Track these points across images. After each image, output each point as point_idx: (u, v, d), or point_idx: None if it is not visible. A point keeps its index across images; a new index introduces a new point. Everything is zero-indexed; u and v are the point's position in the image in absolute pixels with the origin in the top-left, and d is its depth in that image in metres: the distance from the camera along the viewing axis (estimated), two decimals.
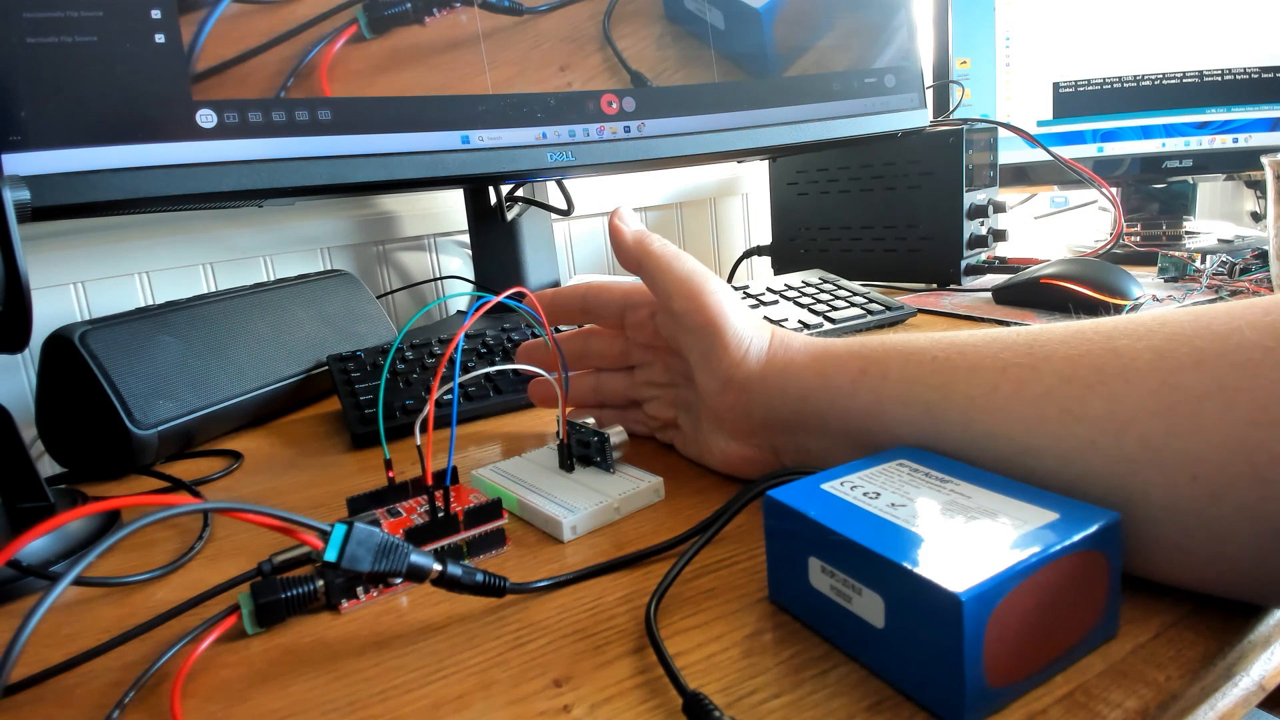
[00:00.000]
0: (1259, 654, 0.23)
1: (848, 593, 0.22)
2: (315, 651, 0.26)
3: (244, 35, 0.48)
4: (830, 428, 0.32)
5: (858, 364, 0.32)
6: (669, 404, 0.41)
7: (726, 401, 0.35)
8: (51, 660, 0.26)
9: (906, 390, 0.30)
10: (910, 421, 0.29)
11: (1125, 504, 0.24)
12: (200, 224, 0.72)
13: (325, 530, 0.23)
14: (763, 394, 0.34)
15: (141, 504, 0.22)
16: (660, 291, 0.37)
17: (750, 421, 0.35)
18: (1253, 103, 0.86)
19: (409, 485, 0.36)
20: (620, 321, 0.42)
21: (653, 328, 0.40)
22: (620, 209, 0.40)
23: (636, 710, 0.22)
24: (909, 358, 0.30)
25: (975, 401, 0.27)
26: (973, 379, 0.28)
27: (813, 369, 0.33)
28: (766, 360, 0.35)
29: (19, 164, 0.42)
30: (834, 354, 0.33)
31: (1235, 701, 0.21)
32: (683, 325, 0.37)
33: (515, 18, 0.57)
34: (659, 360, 0.41)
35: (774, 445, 0.35)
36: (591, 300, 0.43)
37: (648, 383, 0.42)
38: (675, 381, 0.41)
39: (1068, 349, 0.26)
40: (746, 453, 0.36)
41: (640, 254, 0.38)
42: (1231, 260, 0.69)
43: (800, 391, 0.33)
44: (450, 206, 0.86)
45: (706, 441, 0.38)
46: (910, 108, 0.75)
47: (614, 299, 0.42)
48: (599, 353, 0.44)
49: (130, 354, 0.46)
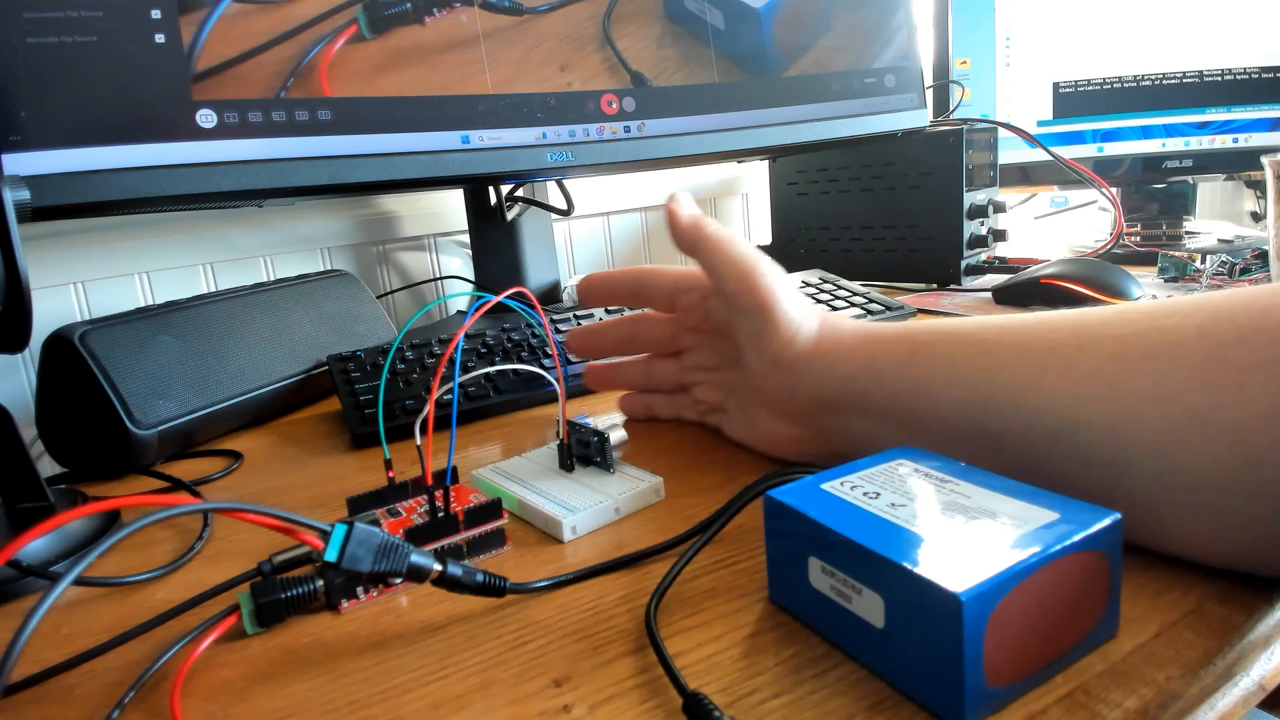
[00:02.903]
0: (1259, 654, 0.23)
1: (848, 593, 0.22)
2: (315, 651, 0.26)
3: (244, 35, 0.48)
4: (877, 408, 0.33)
5: (906, 346, 0.32)
6: (716, 388, 0.43)
7: (774, 382, 0.36)
8: (51, 660, 0.26)
9: (954, 371, 0.30)
10: (958, 401, 0.30)
11: (1170, 472, 0.25)
12: (200, 224, 0.72)
13: (325, 530, 0.23)
14: (810, 374, 0.35)
15: (141, 504, 0.22)
16: (714, 273, 0.38)
17: (797, 402, 0.36)
18: (1253, 103, 0.86)
19: (409, 485, 0.36)
20: (671, 305, 0.43)
21: (703, 311, 0.41)
22: (677, 194, 0.41)
23: (636, 710, 0.22)
24: (957, 340, 0.31)
25: (1023, 381, 0.28)
26: (1021, 359, 0.29)
27: (861, 351, 0.34)
28: (815, 341, 0.36)
29: (19, 164, 0.42)
30: (882, 337, 0.34)
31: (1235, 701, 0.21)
32: (735, 307, 0.38)
33: (515, 18, 0.57)
34: (708, 344, 0.43)
35: (820, 426, 0.36)
36: (643, 284, 0.44)
37: (696, 367, 0.44)
38: (723, 365, 0.42)
39: (1115, 329, 0.27)
40: (792, 433, 0.37)
41: (695, 237, 0.39)
42: (1231, 260, 0.69)
43: (848, 372, 0.34)
44: (450, 206, 0.86)
45: (753, 423, 0.39)
46: (910, 108, 0.75)
47: (666, 283, 0.43)
48: (648, 337, 0.45)
49: (130, 354, 0.46)
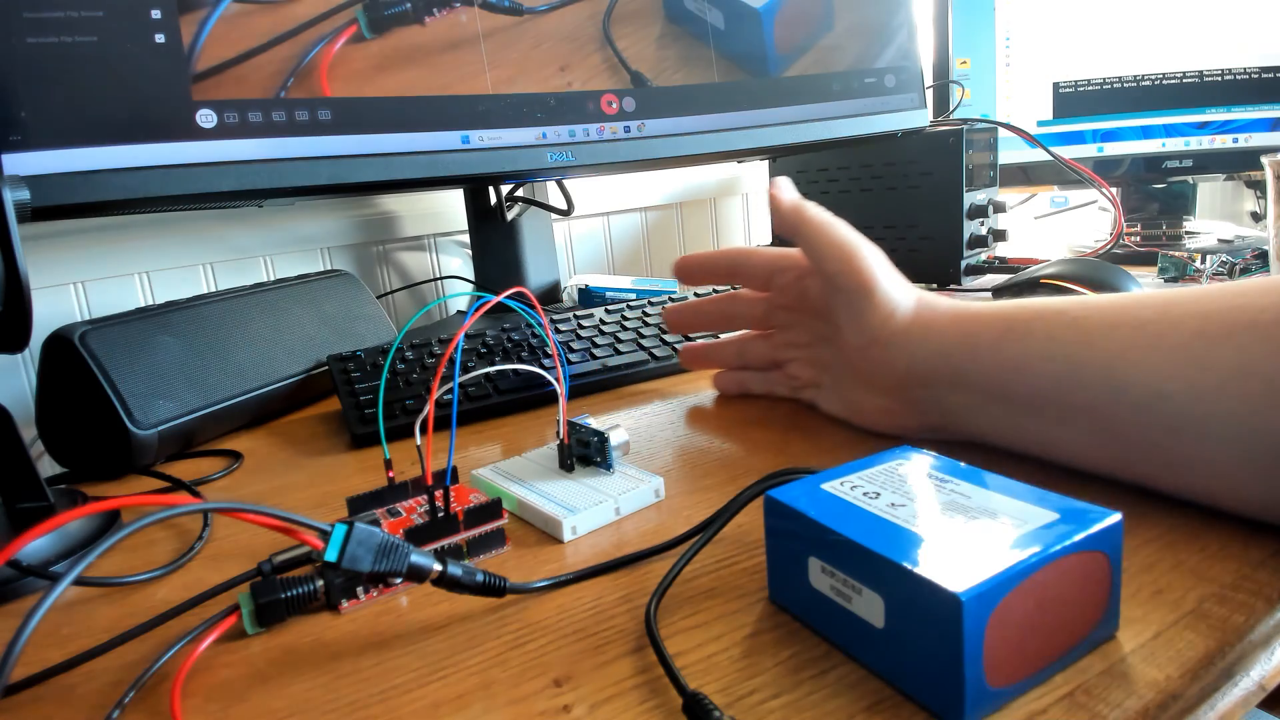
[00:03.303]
0: (1259, 654, 0.23)
1: (848, 593, 0.22)
2: (315, 651, 0.26)
3: (244, 35, 0.48)
4: (971, 382, 0.35)
5: (1002, 323, 0.34)
6: (810, 364, 0.45)
7: (872, 356, 0.38)
8: (51, 660, 0.26)
9: (1049, 347, 0.32)
10: (1052, 375, 0.32)
11: (1249, 438, 0.27)
12: (200, 224, 0.72)
13: (325, 530, 0.23)
14: (906, 349, 0.37)
15: (141, 504, 0.22)
16: (815, 255, 0.41)
17: (892, 376, 0.38)
18: (1253, 103, 0.86)
19: (409, 485, 0.36)
20: (767, 285, 0.46)
21: (799, 290, 0.44)
22: (779, 180, 0.44)
23: (636, 710, 0.22)
24: (1050, 318, 0.33)
25: (1114, 355, 0.30)
26: (1112, 335, 0.31)
27: (956, 327, 0.36)
28: (911, 318, 0.38)
29: (19, 164, 0.42)
30: (977, 314, 0.36)
31: (1235, 701, 0.21)
32: (836, 286, 0.40)
33: (515, 18, 0.57)
34: (802, 322, 0.45)
35: (913, 398, 0.38)
36: (740, 264, 0.47)
37: (789, 344, 0.46)
38: (816, 342, 0.44)
39: (1199, 306, 0.29)
40: (886, 405, 0.39)
41: (797, 220, 0.42)
42: (1231, 260, 0.69)
43: (943, 347, 0.36)
44: (450, 206, 0.86)
45: (847, 397, 0.41)
46: (910, 108, 0.74)
47: (763, 263, 0.46)
48: (742, 314, 0.48)
49: (130, 354, 0.46)
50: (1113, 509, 0.22)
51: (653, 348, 0.56)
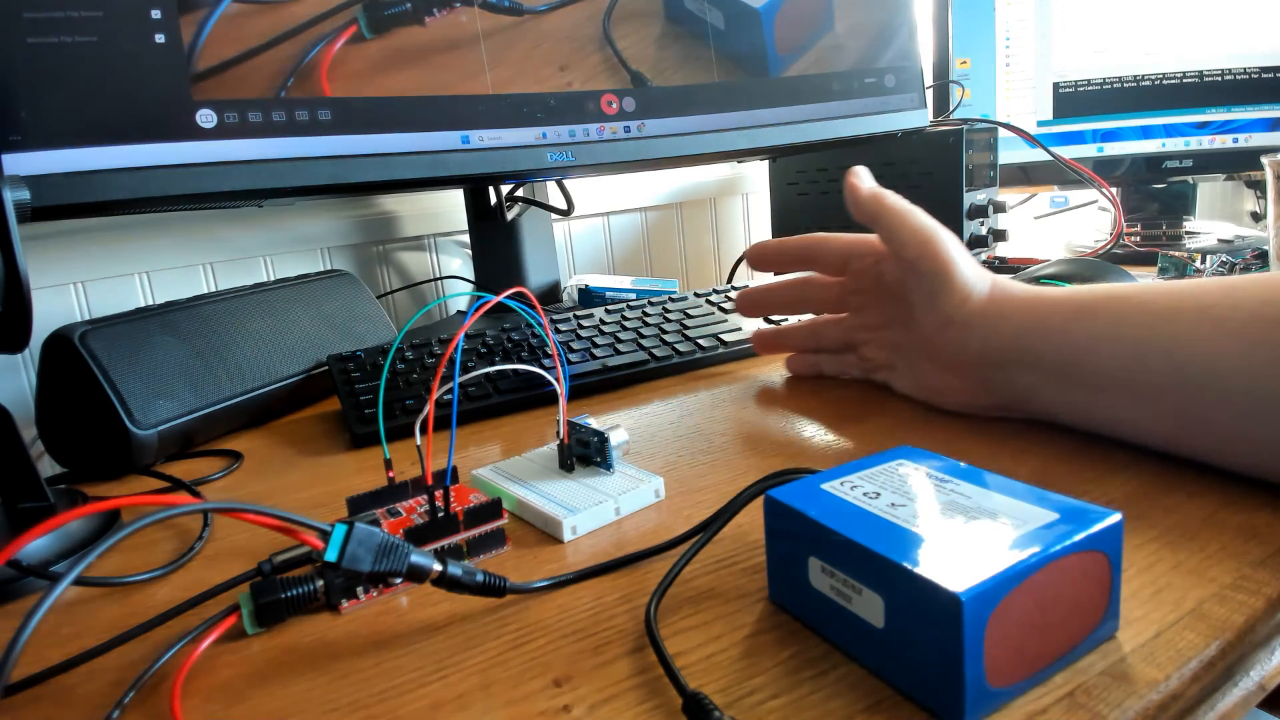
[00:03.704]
0: (1259, 654, 0.23)
1: (848, 593, 0.22)
2: (315, 651, 0.26)
3: (244, 35, 0.48)
4: (1042, 363, 0.36)
5: (1071, 307, 0.36)
6: (884, 346, 0.47)
7: (947, 337, 0.40)
8: (51, 660, 0.26)
9: (1116, 330, 0.34)
10: (1118, 356, 0.34)
11: None
12: (200, 224, 0.72)
13: (325, 530, 0.23)
14: (980, 330, 0.39)
15: (141, 504, 0.22)
16: (894, 240, 0.42)
17: (966, 356, 0.40)
18: (1253, 103, 0.86)
19: (409, 485, 0.36)
20: (842, 269, 0.48)
21: (875, 274, 0.46)
22: (858, 169, 0.46)
23: (636, 710, 0.22)
24: (1118, 302, 0.35)
25: (1177, 337, 0.32)
26: (1176, 319, 0.32)
27: (1028, 310, 0.38)
28: (986, 301, 0.39)
29: (19, 164, 0.42)
30: (1048, 297, 0.38)
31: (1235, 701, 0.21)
32: (914, 270, 0.42)
33: (515, 18, 0.57)
34: (876, 305, 0.47)
35: (986, 378, 0.39)
36: (816, 250, 0.49)
37: (863, 326, 0.48)
38: (890, 324, 0.46)
39: (1259, 291, 0.31)
40: (959, 385, 0.41)
41: (876, 207, 0.43)
42: (1231, 260, 0.69)
43: (1016, 329, 0.38)
44: (450, 206, 0.86)
45: (920, 377, 0.43)
46: (910, 108, 0.74)
47: (839, 248, 0.48)
48: (816, 298, 0.50)
49: (130, 354, 0.46)
50: (1113, 509, 0.22)
51: (653, 348, 0.56)
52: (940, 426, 0.41)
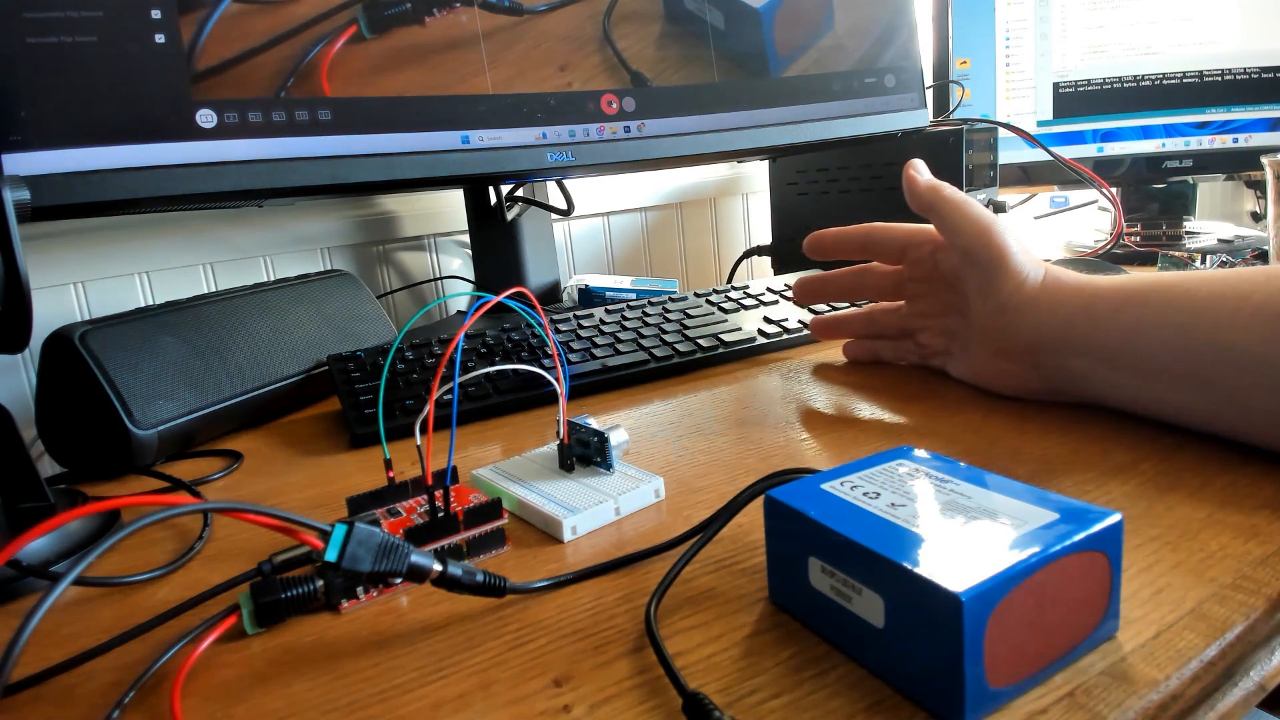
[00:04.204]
0: (1259, 654, 0.23)
1: (848, 593, 0.22)
2: (315, 651, 0.26)
3: (244, 35, 0.48)
4: (1092, 348, 0.38)
5: (1119, 295, 0.38)
6: (940, 333, 0.48)
7: (1001, 323, 0.42)
8: (51, 660, 0.26)
9: (1162, 315, 0.36)
10: (1165, 341, 0.35)
11: None
12: (200, 224, 0.72)
13: (325, 530, 0.23)
14: (1034, 316, 0.40)
15: (141, 504, 0.22)
16: (951, 230, 0.44)
17: (1019, 341, 0.41)
18: (1253, 103, 0.86)
19: (409, 485, 0.36)
20: (899, 258, 0.50)
21: (932, 263, 0.47)
22: (915, 161, 0.48)
23: (636, 710, 0.22)
24: (1165, 288, 0.36)
25: (1220, 322, 0.34)
26: (1219, 304, 0.34)
27: (1079, 297, 0.39)
28: (1040, 288, 0.41)
29: (19, 164, 0.42)
30: (1098, 286, 0.39)
31: (1235, 701, 0.21)
32: (971, 259, 0.43)
33: (515, 18, 0.57)
34: (933, 293, 0.48)
35: (1038, 363, 0.41)
36: (875, 238, 0.50)
37: (920, 314, 0.50)
38: (946, 312, 0.48)
39: None
40: (1013, 369, 0.42)
41: (934, 198, 0.45)
42: (1231, 260, 0.69)
43: (1068, 316, 0.39)
44: (450, 206, 0.86)
45: (975, 362, 0.45)
46: (910, 108, 0.74)
47: (898, 237, 0.49)
48: (874, 286, 0.52)
49: (130, 354, 0.46)
50: (1112, 509, 0.22)
51: (653, 348, 0.56)
52: (939, 427, 0.41)
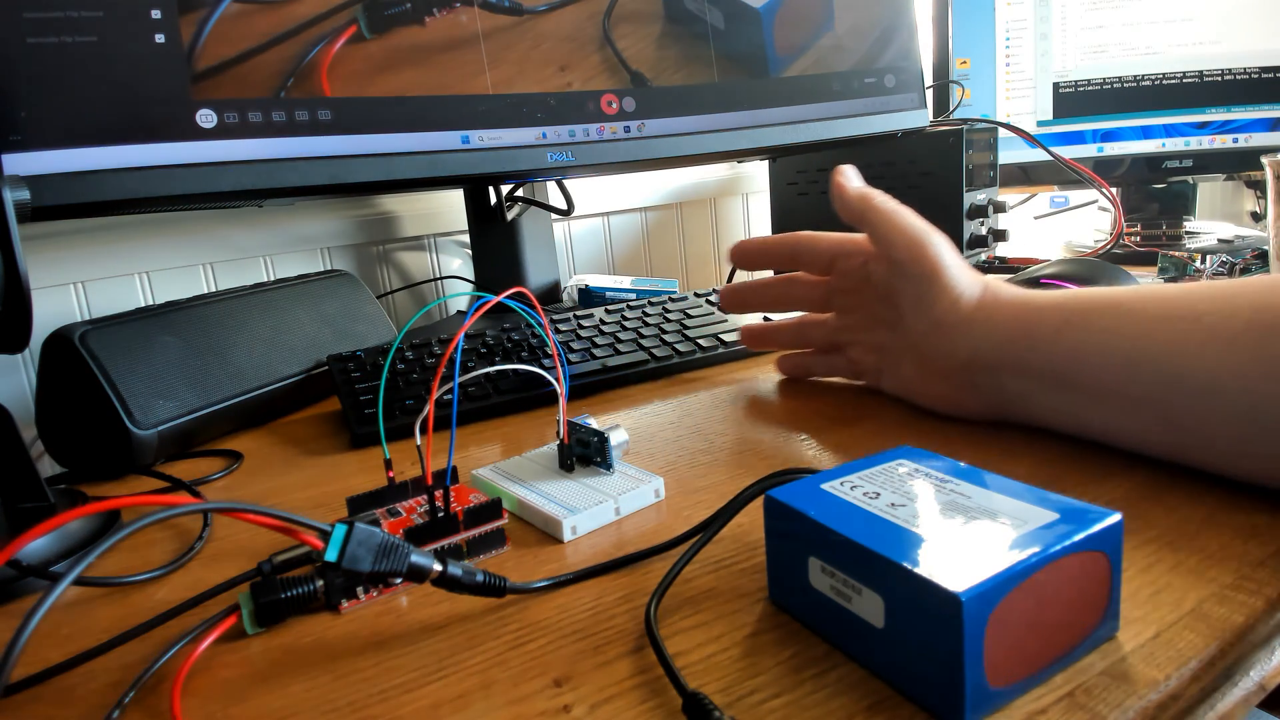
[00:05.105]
0: (1259, 654, 0.23)
1: (848, 593, 0.22)
2: (315, 651, 0.26)
3: (244, 35, 0.48)
4: (1032, 370, 0.36)
5: (1060, 314, 0.35)
6: (870, 348, 0.45)
7: (936, 341, 0.39)
8: (51, 660, 0.26)
9: (1106, 338, 0.33)
10: (1109, 365, 0.33)
11: None
12: (200, 224, 0.72)
13: (326, 530, 0.23)
14: (969, 335, 0.38)
15: (141, 504, 0.22)
16: (883, 241, 0.42)
17: (955, 361, 0.39)
18: (1253, 103, 0.86)
19: (409, 485, 0.36)
20: (828, 269, 0.47)
21: (862, 275, 0.45)
22: (845, 168, 0.45)
23: (636, 710, 0.22)
24: (1109, 308, 0.34)
25: (1170, 347, 0.31)
26: (1168, 327, 0.31)
27: (1018, 316, 0.37)
28: (976, 305, 0.39)
29: (19, 164, 0.42)
30: (1038, 303, 0.37)
31: (1235, 701, 0.21)
32: (903, 272, 0.41)
33: (515, 18, 0.57)
34: (863, 306, 0.45)
35: (975, 384, 0.39)
36: (803, 248, 0.48)
37: (849, 327, 0.47)
38: (877, 326, 0.45)
39: (1253, 299, 0.30)
40: (948, 390, 0.40)
41: (864, 207, 0.42)
42: (1231, 260, 0.69)
43: (1006, 335, 0.37)
44: (450, 206, 0.86)
45: (908, 381, 0.42)
46: (910, 108, 0.74)
47: (826, 248, 0.47)
48: (801, 297, 0.49)
49: (130, 354, 0.46)
50: (1112, 509, 0.22)
51: (653, 348, 0.56)
52: (938, 427, 0.41)
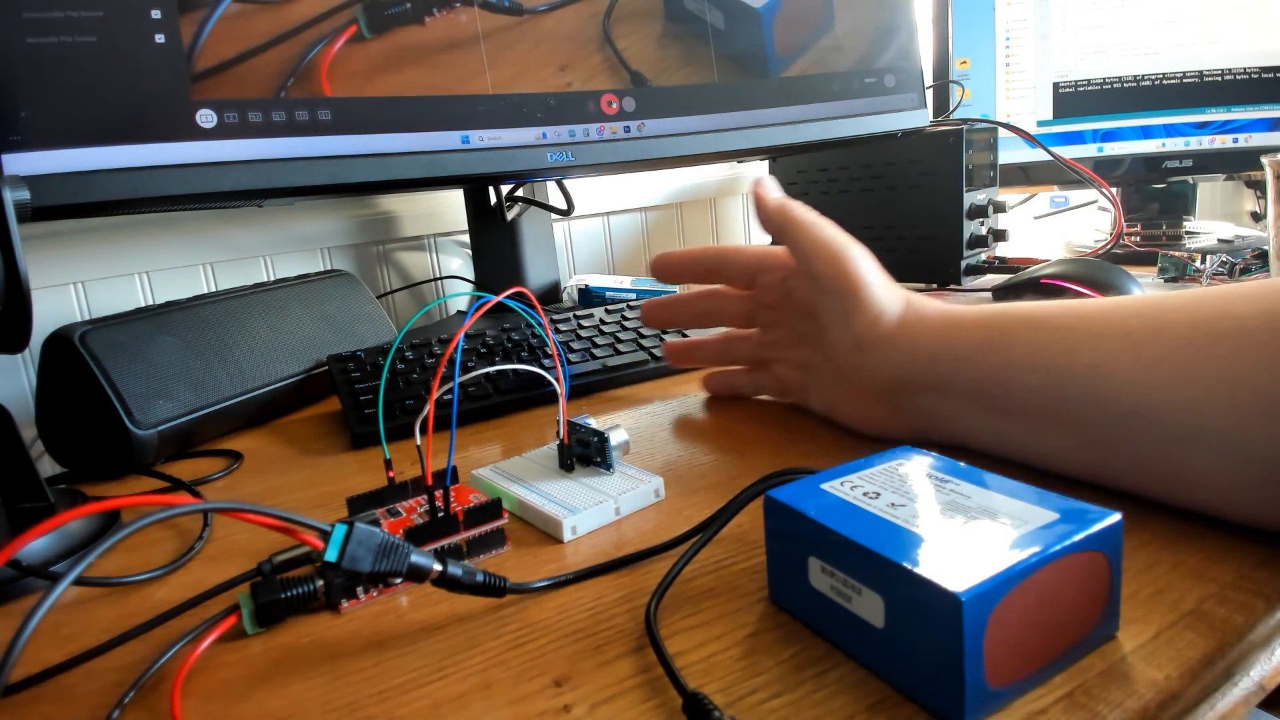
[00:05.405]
0: (1259, 654, 0.23)
1: (848, 593, 0.22)
2: (315, 651, 0.26)
3: (244, 35, 0.48)
4: (956, 390, 0.34)
5: (984, 333, 0.34)
6: (795, 366, 0.44)
7: (857, 361, 0.38)
8: (51, 660, 0.26)
9: (1031, 358, 0.32)
10: (1035, 386, 0.31)
11: (1239, 451, 0.26)
12: (200, 224, 0.72)
13: (326, 530, 0.23)
14: (891, 355, 0.37)
15: (141, 504, 0.22)
16: (802, 255, 0.40)
17: (877, 381, 0.37)
18: (1253, 103, 0.86)
19: (409, 485, 0.36)
20: (750, 283, 0.45)
21: (784, 290, 0.43)
22: (763, 178, 0.43)
23: (636, 710, 0.22)
24: (1035, 325, 0.32)
25: (1098, 366, 0.29)
26: (1096, 345, 0.30)
27: (941, 334, 0.35)
28: (898, 323, 0.37)
29: (19, 164, 0.42)
30: (961, 321, 0.35)
31: (1235, 701, 0.21)
32: (823, 288, 0.39)
33: (515, 18, 0.57)
34: (786, 322, 0.44)
35: (899, 405, 0.37)
36: (725, 261, 0.45)
37: (773, 344, 0.45)
38: (801, 343, 0.43)
39: (1186, 315, 0.28)
40: (871, 409, 0.38)
41: (783, 220, 0.40)
42: (1231, 260, 0.69)
43: (928, 354, 0.35)
44: (450, 206, 0.86)
45: (831, 399, 0.41)
46: (910, 108, 0.74)
47: (748, 261, 0.45)
48: (724, 311, 0.47)
49: (130, 354, 0.46)
50: (1112, 509, 0.22)
51: (653, 348, 0.56)
52: None
